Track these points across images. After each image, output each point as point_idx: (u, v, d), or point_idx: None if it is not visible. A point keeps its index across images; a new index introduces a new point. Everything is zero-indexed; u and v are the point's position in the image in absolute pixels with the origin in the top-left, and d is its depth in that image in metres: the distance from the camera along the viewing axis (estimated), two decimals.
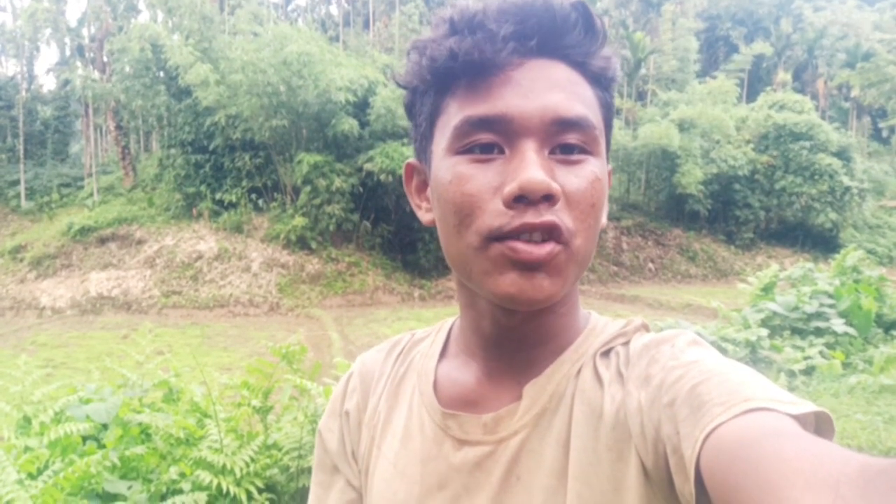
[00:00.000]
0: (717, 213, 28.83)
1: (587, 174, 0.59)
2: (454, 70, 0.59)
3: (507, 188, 0.57)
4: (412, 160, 0.71)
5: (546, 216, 0.56)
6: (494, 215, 0.57)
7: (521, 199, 0.56)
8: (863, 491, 0.36)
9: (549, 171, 0.57)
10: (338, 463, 0.79)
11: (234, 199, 22.32)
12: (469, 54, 0.58)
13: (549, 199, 0.56)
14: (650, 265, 26.16)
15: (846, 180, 27.78)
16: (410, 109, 0.68)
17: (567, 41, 0.60)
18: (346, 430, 0.79)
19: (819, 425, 0.49)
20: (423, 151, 0.67)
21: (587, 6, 0.61)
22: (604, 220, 0.66)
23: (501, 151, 0.59)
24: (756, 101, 32.01)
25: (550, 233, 0.57)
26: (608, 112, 0.65)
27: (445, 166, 0.61)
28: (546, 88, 0.59)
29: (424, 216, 0.69)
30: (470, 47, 0.58)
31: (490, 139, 0.59)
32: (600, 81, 0.63)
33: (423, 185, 0.70)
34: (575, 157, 0.60)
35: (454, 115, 0.60)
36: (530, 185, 0.55)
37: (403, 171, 0.73)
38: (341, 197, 20.48)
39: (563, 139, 0.59)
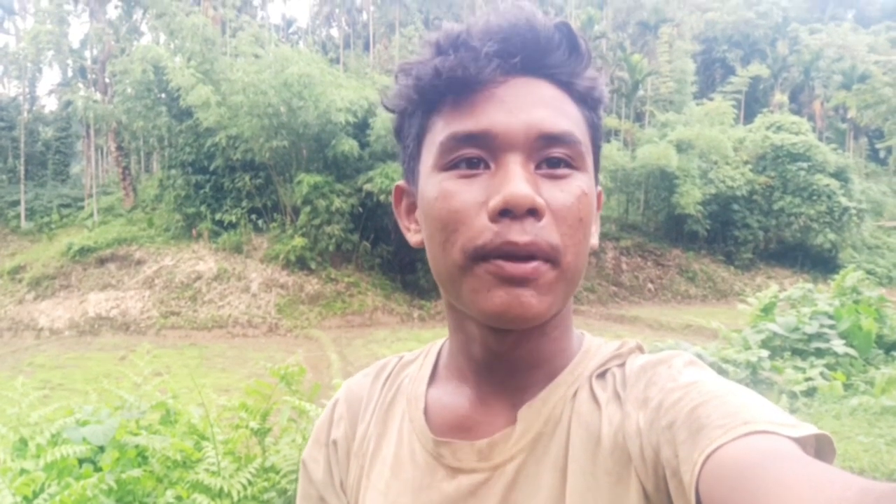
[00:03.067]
0: (716, 234, 28.88)
1: (573, 189, 0.59)
2: (439, 88, 0.60)
3: (491, 202, 0.56)
4: (401, 183, 0.71)
5: (529, 235, 0.56)
6: (479, 231, 0.57)
7: (506, 213, 0.56)
8: None
9: (534, 185, 0.57)
10: (324, 494, 0.77)
11: (233, 219, 22.35)
12: (453, 71, 0.58)
13: (533, 213, 0.56)
14: (650, 285, 26.14)
15: (844, 201, 27.89)
16: (399, 132, 0.68)
17: (551, 60, 0.60)
18: (334, 461, 0.77)
19: (820, 448, 0.49)
20: (412, 172, 0.67)
21: (571, 27, 0.61)
22: (595, 241, 0.65)
23: (487, 167, 0.59)
24: (753, 123, 32.20)
25: (533, 254, 0.56)
26: (595, 131, 0.65)
27: (432, 183, 0.61)
28: (531, 105, 0.59)
29: (413, 238, 0.69)
30: (454, 65, 0.58)
31: (475, 154, 0.59)
32: (586, 101, 0.63)
33: (412, 208, 0.69)
34: (561, 171, 0.59)
35: (440, 131, 0.61)
36: (514, 199, 0.55)
37: (393, 194, 0.72)
38: (341, 217, 20.53)
39: (549, 154, 0.59)
